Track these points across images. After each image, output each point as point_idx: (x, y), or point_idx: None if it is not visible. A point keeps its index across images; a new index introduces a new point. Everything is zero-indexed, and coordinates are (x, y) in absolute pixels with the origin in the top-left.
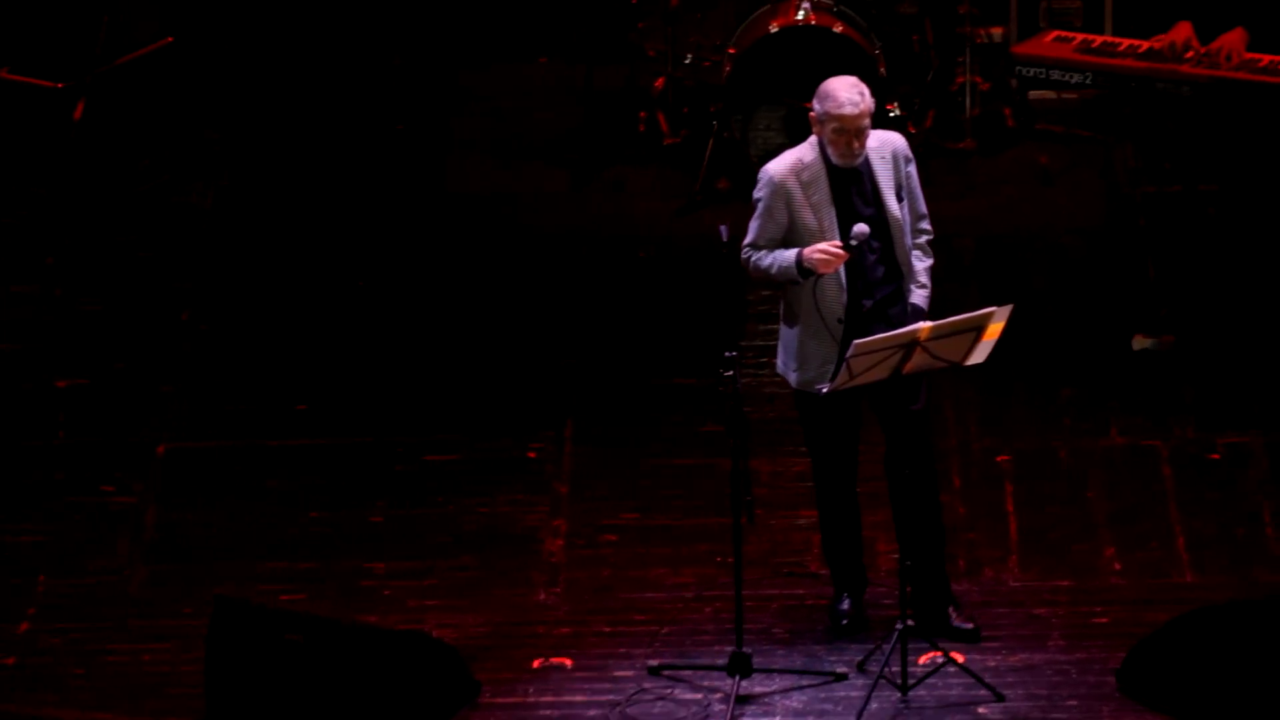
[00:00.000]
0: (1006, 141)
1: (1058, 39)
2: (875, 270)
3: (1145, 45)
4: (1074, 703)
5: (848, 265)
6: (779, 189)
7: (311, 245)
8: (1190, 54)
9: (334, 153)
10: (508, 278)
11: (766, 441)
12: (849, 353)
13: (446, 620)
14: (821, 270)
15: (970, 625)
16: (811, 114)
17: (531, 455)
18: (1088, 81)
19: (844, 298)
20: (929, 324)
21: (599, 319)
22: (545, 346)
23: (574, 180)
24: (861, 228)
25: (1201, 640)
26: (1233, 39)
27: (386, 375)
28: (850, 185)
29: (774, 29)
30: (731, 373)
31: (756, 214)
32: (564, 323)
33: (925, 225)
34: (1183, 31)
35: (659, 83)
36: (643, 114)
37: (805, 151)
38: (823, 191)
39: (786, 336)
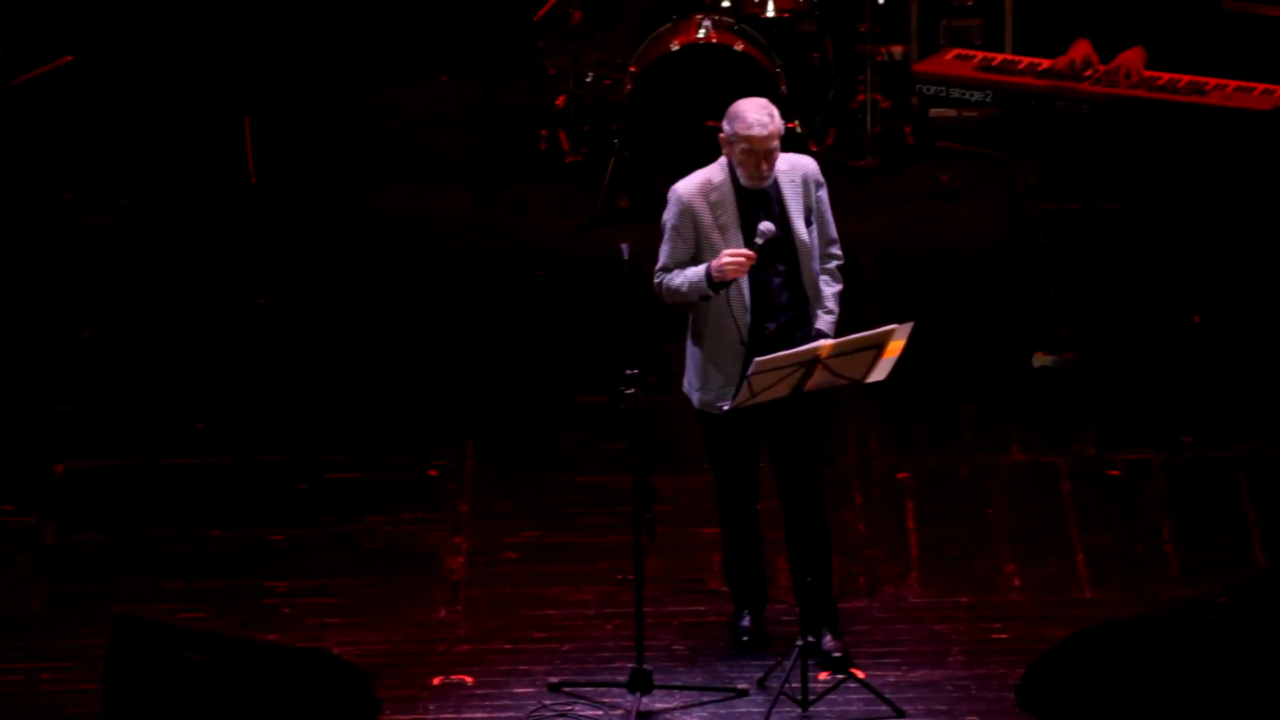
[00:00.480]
0: (907, 159)
1: (958, 57)
2: (780, 294)
3: (1045, 63)
4: (974, 718)
5: (753, 288)
6: (686, 209)
7: (212, 264)
8: (1089, 72)
9: (234, 171)
10: (409, 296)
11: (668, 459)
12: (750, 370)
13: (347, 638)
14: (731, 275)
15: (840, 654)
16: (721, 135)
17: (432, 473)
18: (988, 99)
19: (747, 318)
20: (830, 341)
21: (500, 337)
22: (447, 364)
23: (476, 198)
24: (767, 225)
25: (1100, 656)
26: (1131, 57)
27: (287, 394)
28: (758, 207)
29: (675, 47)
30: (633, 390)
31: (665, 236)
32: (465, 341)
33: (836, 250)
34: (1081, 49)
35: (560, 101)
36: (544, 132)
37: (714, 172)
38: (730, 212)
39: (692, 356)
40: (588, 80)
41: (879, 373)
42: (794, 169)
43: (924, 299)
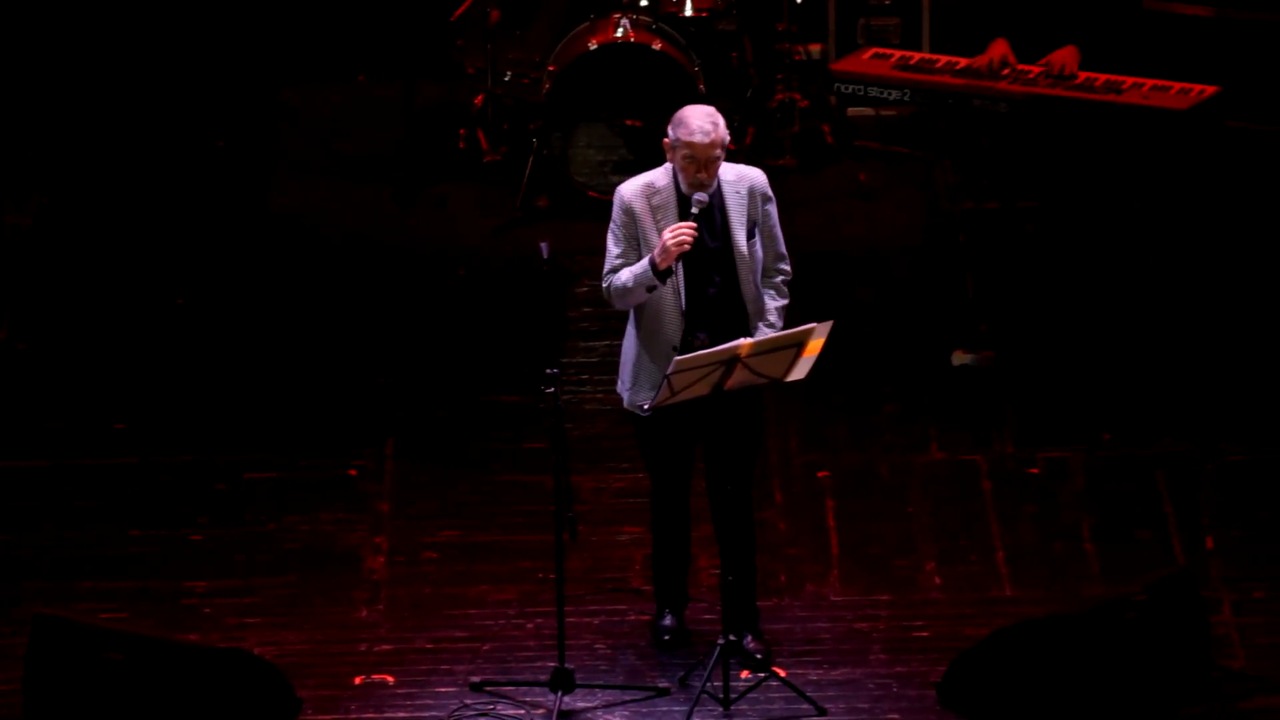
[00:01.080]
0: (826, 158)
1: (876, 56)
2: (716, 304)
3: (963, 62)
4: (895, 716)
5: (689, 295)
6: (628, 209)
7: (131, 263)
8: (1006, 71)
9: (154, 170)
10: (329, 295)
11: (588, 458)
12: (670, 369)
13: (268, 638)
14: (675, 251)
15: (761, 653)
16: (665, 140)
17: (352, 473)
18: (906, 98)
19: (681, 324)
20: (750, 340)
21: (420, 336)
22: (367, 364)
23: (394, 197)
24: (701, 196)
25: (1020, 653)
26: (1065, 55)
27: (207, 393)
28: (700, 215)
29: (593, 46)
30: (553, 389)
31: (610, 238)
32: (385, 340)
33: (784, 266)
34: (999, 49)
35: (479, 100)
36: (463, 131)
37: (659, 176)
38: (671, 217)
39: (625, 357)
40: (506, 79)
41: (799, 371)
42: (740, 180)
43: (843, 298)
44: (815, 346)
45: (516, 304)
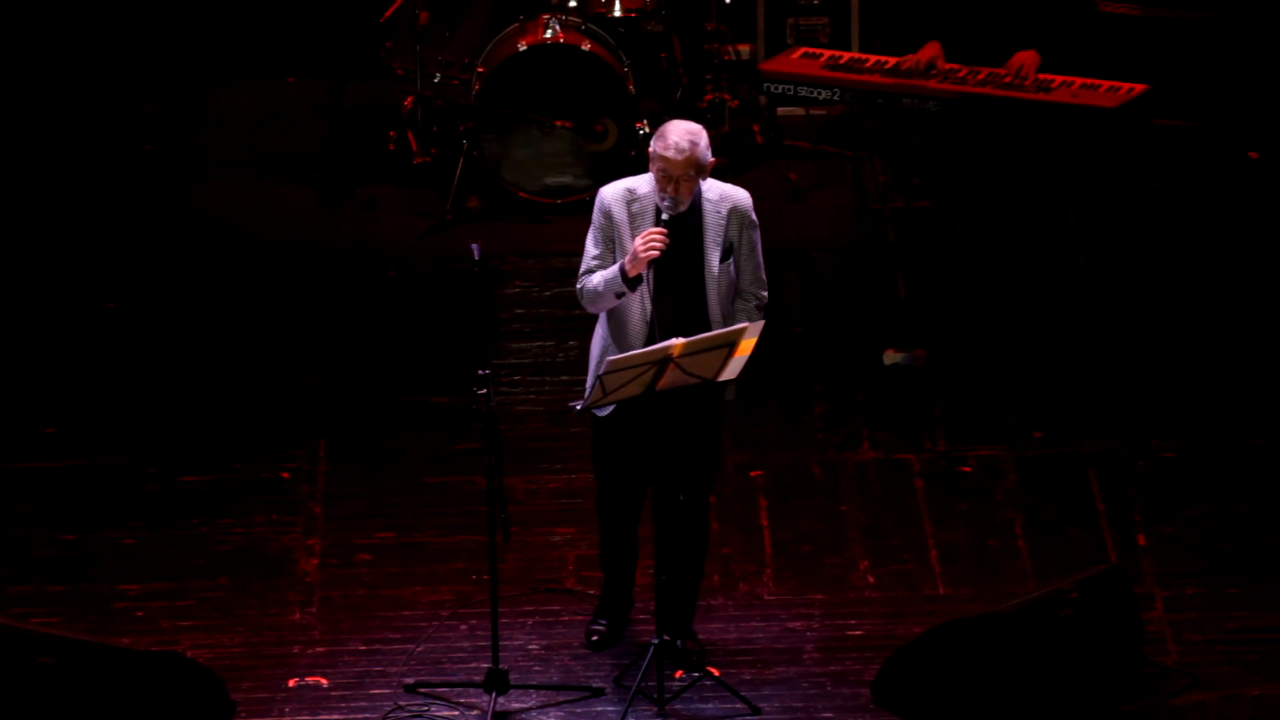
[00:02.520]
0: (756, 158)
1: (805, 56)
2: (683, 321)
3: (892, 61)
4: (829, 715)
5: (656, 310)
6: (607, 212)
7: (60, 267)
8: (934, 72)
9: (82, 173)
10: (258, 297)
11: (521, 459)
12: (602, 369)
13: (201, 641)
14: (644, 256)
15: (696, 653)
16: (650, 148)
17: (285, 475)
18: (835, 98)
19: (646, 334)
20: (682, 340)
21: (351, 338)
22: (297, 366)
23: (323, 199)
24: (669, 202)
25: (954, 651)
26: (1025, 59)
27: (137, 396)
28: (675, 230)
29: (522, 47)
30: (485, 391)
31: (589, 238)
32: (316, 342)
33: (761, 291)
34: (930, 51)
35: (408, 101)
36: (392, 133)
37: (642, 183)
38: (648, 226)
39: (590, 361)
40: (435, 81)
41: (730, 371)
42: (723, 200)
43: (774, 297)
44: (747, 346)
45: (447, 305)
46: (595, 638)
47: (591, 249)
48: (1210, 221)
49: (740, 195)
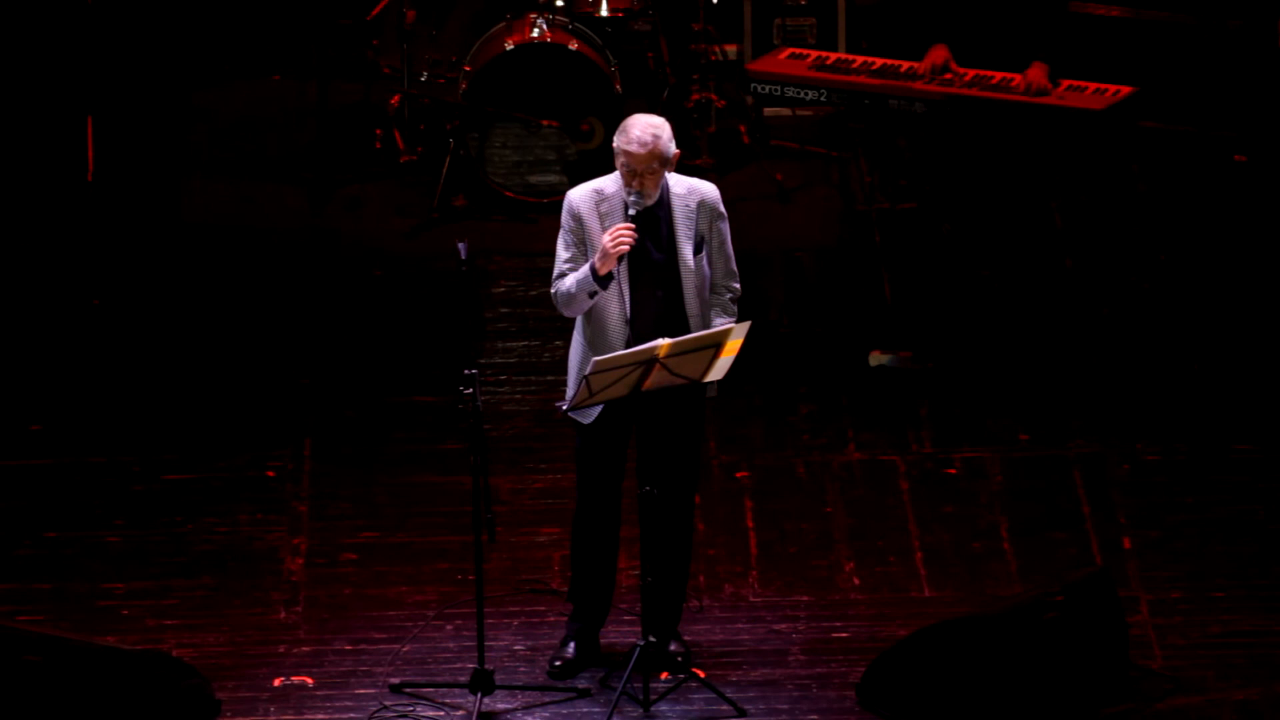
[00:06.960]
0: (742, 158)
1: (792, 56)
2: (659, 318)
3: (879, 62)
4: (814, 717)
5: (633, 308)
6: (575, 214)
7: (46, 265)
8: (949, 76)
9: (68, 171)
10: (244, 296)
11: (507, 459)
12: (588, 369)
13: (186, 640)
14: (614, 252)
15: (681, 654)
16: (614, 143)
17: (270, 474)
18: (822, 99)
19: (625, 333)
20: (668, 341)
21: (337, 337)
22: (284, 365)
23: (310, 198)
24: (636, 198)
25: (939, 654)
26: (1036, 73)
27: (123, 395)
28: (646, 226)
29: (509, 46)
30: (471, 390)
31: (560, 242)
32: (302, 341)
33: (734, 283)
34: (939, 54)
35: (395, 100)
36: (379, 131)
37: (608, 183)
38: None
39: (570, 364)
40: (422, 79)
41: (716, 372)
42: (691, 194)
43: (761, 298)
44: (733, 347)
45: (434, 304)
46: (559, 663)
47: (563, 253)
48: (1196, 224)
49: (707, 188)
